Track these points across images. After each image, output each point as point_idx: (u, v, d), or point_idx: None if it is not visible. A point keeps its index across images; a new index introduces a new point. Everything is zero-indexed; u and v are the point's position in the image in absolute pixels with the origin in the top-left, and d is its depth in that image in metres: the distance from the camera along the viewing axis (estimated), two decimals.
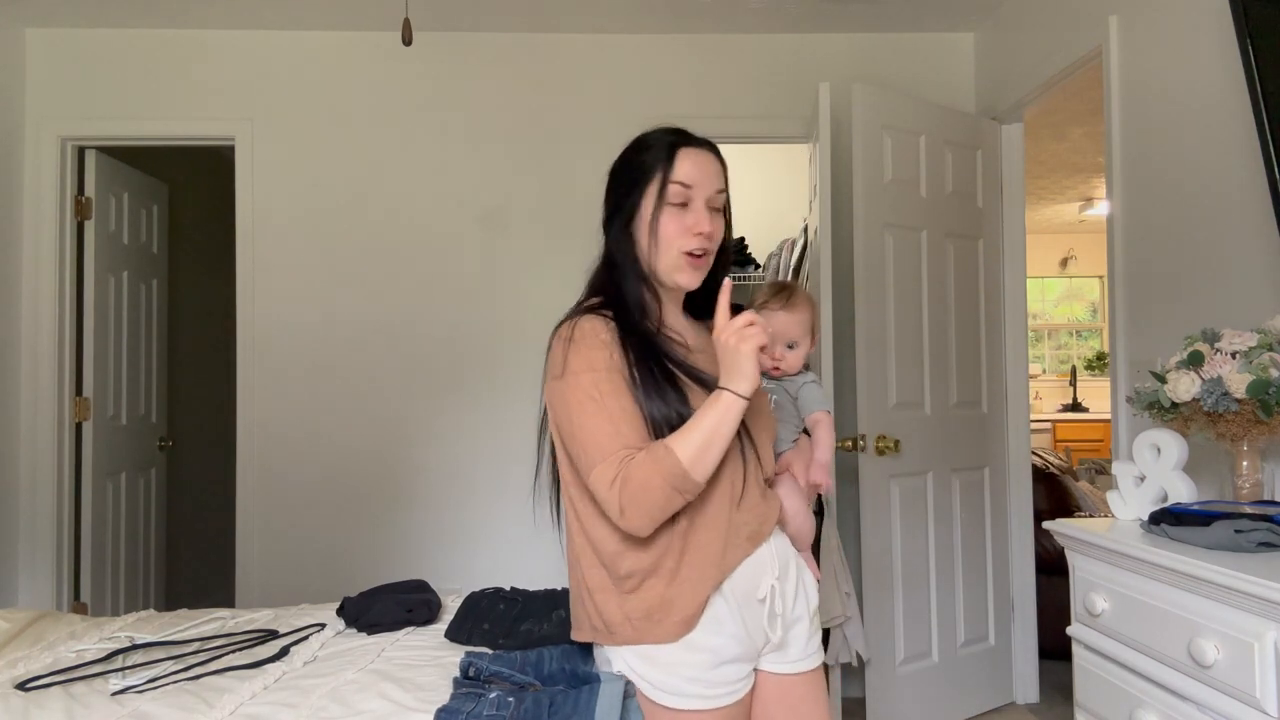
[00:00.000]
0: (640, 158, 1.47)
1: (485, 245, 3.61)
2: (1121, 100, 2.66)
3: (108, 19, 3.49)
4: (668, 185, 1.42)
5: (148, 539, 4.13)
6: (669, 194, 1.42)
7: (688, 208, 1.43)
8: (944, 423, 3.27)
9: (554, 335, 1.42)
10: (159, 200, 4.27)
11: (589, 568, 1.41)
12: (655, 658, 1.37)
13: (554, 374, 1.38)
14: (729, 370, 1.33)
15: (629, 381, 1.35)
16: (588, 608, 1.42)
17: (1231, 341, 1.83)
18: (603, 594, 1.39)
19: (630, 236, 1.46)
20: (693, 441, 1.30)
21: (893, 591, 3.09)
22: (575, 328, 1.38)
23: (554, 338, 1.42)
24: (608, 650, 1.43)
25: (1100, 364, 7.81)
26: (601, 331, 1.38)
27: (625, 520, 1.31)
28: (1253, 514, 1.63)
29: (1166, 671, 1.61)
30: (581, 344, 1.36)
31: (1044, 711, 3.38)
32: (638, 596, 1.36)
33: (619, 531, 1.36)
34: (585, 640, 1.48)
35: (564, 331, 1.40)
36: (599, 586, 1.40)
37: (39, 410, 3.50)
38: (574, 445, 1.35)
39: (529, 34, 3.62)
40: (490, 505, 3.57)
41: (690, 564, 1.37)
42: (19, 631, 2.05)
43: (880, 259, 3.12)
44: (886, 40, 3.69)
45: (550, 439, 1.49)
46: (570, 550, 1.46)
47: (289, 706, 1.56)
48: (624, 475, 1.29)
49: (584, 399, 1.33)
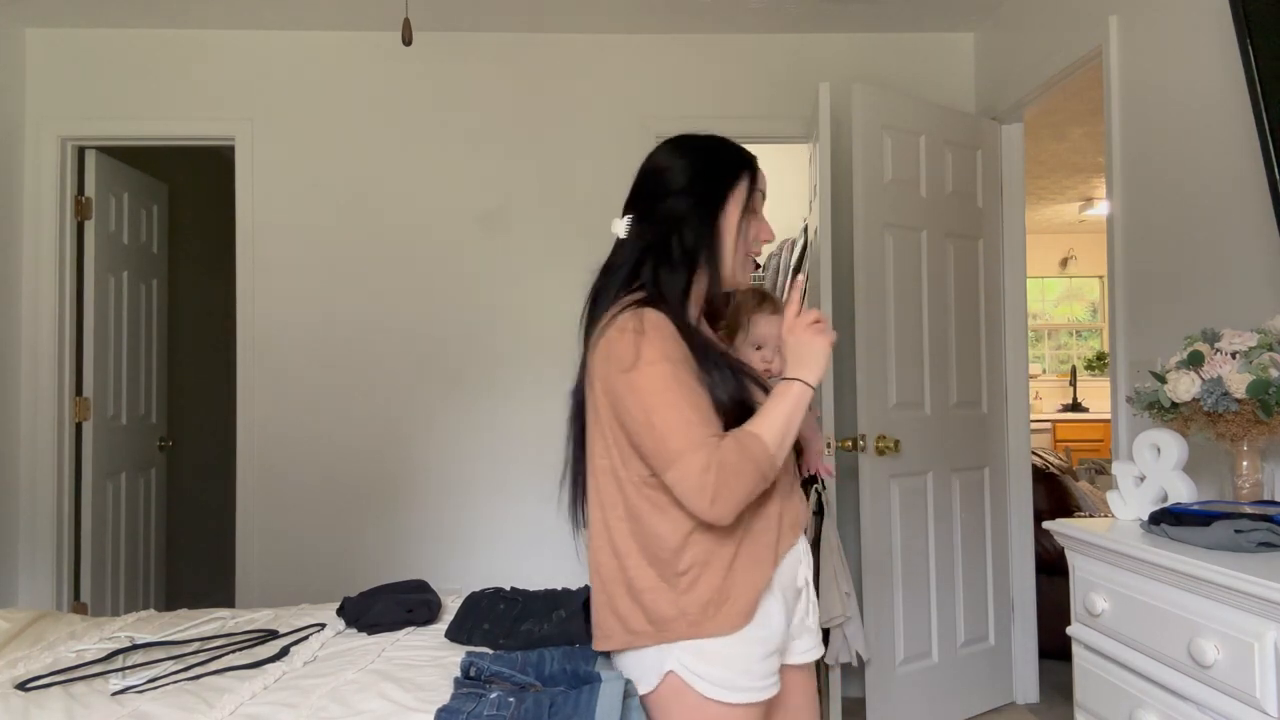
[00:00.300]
0: (727, 157, 1.51)
1: (485, 245, 3.61)
2: (1121, 100, 2.66)
3: (108, 19, 3.49)
4: (754, 192, 1.51)
5: (148, 539, 4.13)
6: (754, 201, 1.51)
7: (759, 215, 1.54)
8: (944, 423, 3.27)
9: (607, 327, 1.39)
10: (159, 200, 4.27)
11: (635, 568, 1.37)
12: (711, 652, 1.35)
13: (623, 365, 1.34)
14: (801, 361, 1.38)
15: (696, 373, 1.36)
16: (626, 609, 1.38)
17: (1231, 341, 1.83)
18: (653, 593, 1.36)
19: (714, 231, 1.47)
20: (774, 428, 1.33)
21: (893, 591, 3.09)
22: (642, 319, 1.36)
23: (608, 330, 1.38)
24: (646, 652, 1.38)
25: (1100, 364, 7.81)
26: (669, 323, 1.37)
27: (715, 507, 1.29)
28: (1253, 514, 1.63)
29: (1166, 671, 1.61)
30: (654, 335, 1.34)
31: (1044, 711, 3.38)
32: (695, 590, 1.35)
33: (684, 524, 1.35)
34: (616, 648, 1.42)
35: (626, 323, 1.36)
36: (649, 585, 1.36)
37: (39, 410, 3.50)
38: (650, 436, 1.32)
39: (529, 34, 3.63)
40: (490, 505, 3.57)
41: (747, 554, 1.38)
42: (19, 631, 2.04)
43: (880, 259, 3.12)
44: (886, 40, 3.69)
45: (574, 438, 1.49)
46: (601, 554, 1.42)
47: (289, 706, 1.56)
48: (718, 461, 1.28)
49: (663, 389, 1.31)
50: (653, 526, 1.37)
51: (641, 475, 1.38)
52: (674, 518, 1.36)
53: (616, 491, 1.40)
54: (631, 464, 1.38)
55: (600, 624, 1.44)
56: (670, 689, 1.37)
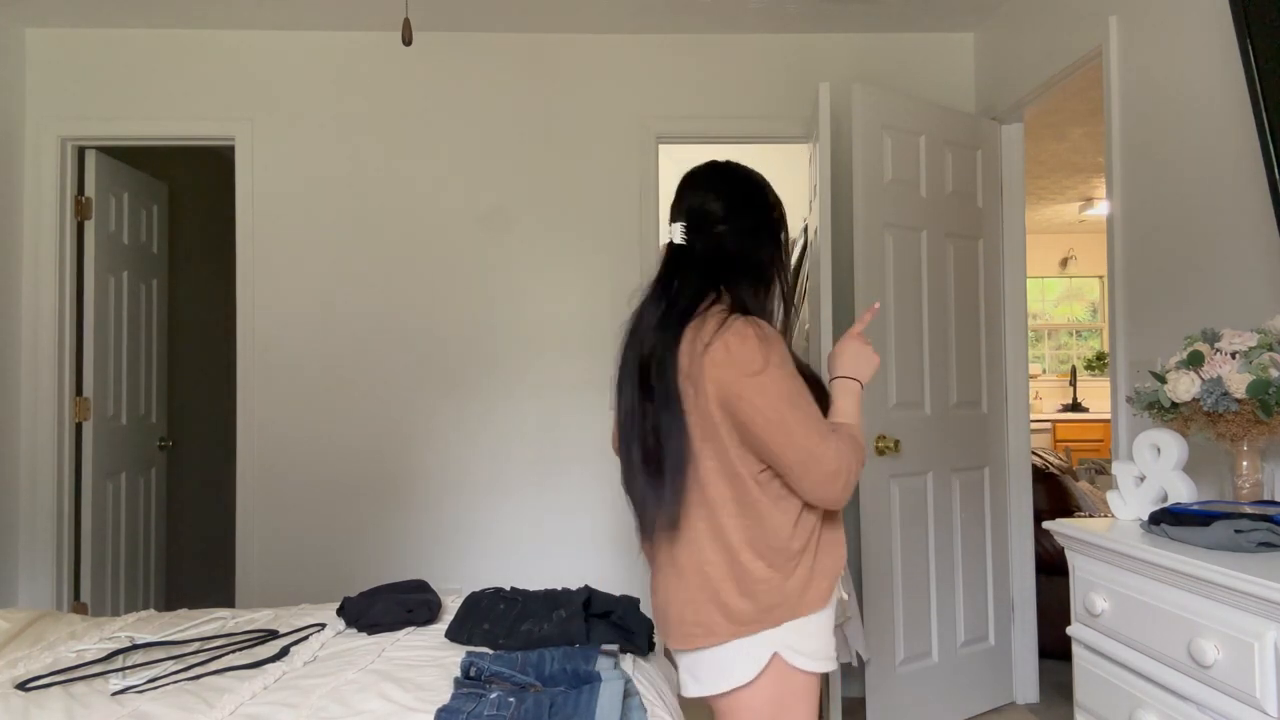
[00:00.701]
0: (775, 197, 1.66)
1: (485, 245, 3.61)
2: (1121, 100, 2.66)
3: (108, 19, 3.49)
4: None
5: (148, 539, 4.13)
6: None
7: None
8: (944, 423, 3.27)
9: (720, 333, 1.46)
10: (159, 200, 4.27)
11: (748, 561, 1.46)
12: (807, 628, 1.49)
13: (751, 369, 1.43)
14: (860, 364, 1.60)
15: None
16: (735, 602, 1.46)
17: (1231, 341, 1.83)
18: (765, 583, 1.47)
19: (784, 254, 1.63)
20: (856, 419, 1.56)
21: (893, 591, 3.09)
22: (761, 327, 1.48)
23: (724, 336, 1.45)
24: (749, 641, 1.47)
25: (1100, 364, 7.81)
26: (777, 332, 1.53)
27: (844, 493, 1.46)
28: (1253, 514, 1.63)
29: (1166, 671, 1.61)
30: (774, 342, 1.47)
31: (1044, 711, 3.38)
32: (797, 573, 1.48)
33: (793, 513, 1.49)
34: (719, 641, 1.47)
35: (749, 330, 1.46)
36: (761, 576, 1.46)
37: (39, 410, 3.50)
38: (781, 432, 1.43)
39: (529, 34, 3.63)
40: (490, 505, 3.57)
41: (828, 535, 1.55)
42: (19, 631, 2.05)
43: (880, 259, 3.12)
44: (886, 40, 3.70)
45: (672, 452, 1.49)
46: (705, 552, 1.48)
47: (289, 706, 1.56)
48: (843, 451, 1.45)
49: (790, 391, 1.44)
50: (770, 517, 1.47)
51: (757, 470, 1.48)
52: (785, 507, 1.48)
53: (728, 489, 1.47)
54: (748, 460, 1.48)
55: (699, 621, 1.49)
56: (775, 672, 1.48)
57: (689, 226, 1.58)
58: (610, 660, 1.75)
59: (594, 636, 1.91)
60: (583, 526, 3.57)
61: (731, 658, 1.48)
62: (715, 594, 1.47)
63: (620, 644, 1.92)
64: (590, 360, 3.50)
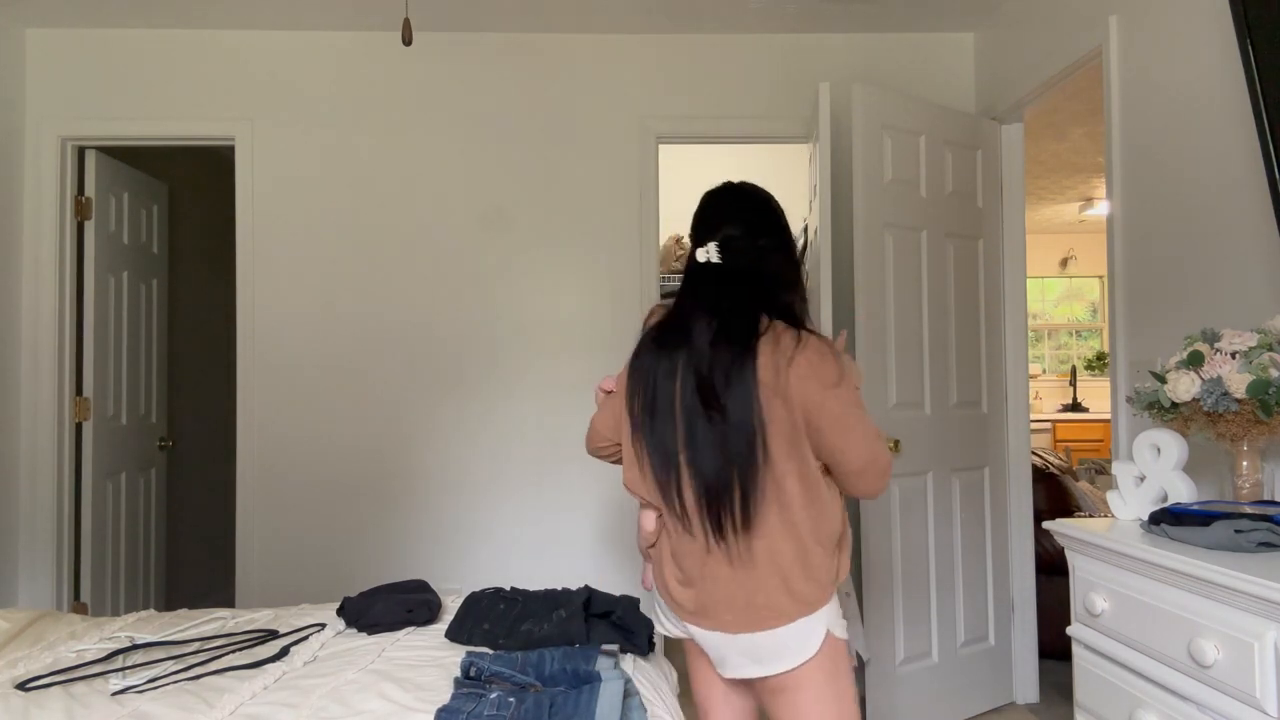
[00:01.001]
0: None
1: (485, 245, 3.61)
2: (1121, 100, 2.66)
3: (108, 19, 3.49)
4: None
5: (148, 539, 4.13)
6: None
7: None
8: (944, 423, 3.27)
9: (805, 350, 1.61)
10: (159, 200, 4.27)
11: (811, 548, 1.63)
12: (836, 601, 1.68)
13: (830, 382, 1.61)
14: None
15: None
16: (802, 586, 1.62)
17: (1231, 341, 1.83)
18: (823, 567, 1.65)
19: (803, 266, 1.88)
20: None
21: (893, 591, 3.09)
22: (830, 344, 1.67)
23: (806, 352, 1.61)
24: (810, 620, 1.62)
25: (1100, 364, 7.81)
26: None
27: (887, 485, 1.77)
28: (1253, 514, 1.63)
29: (1166, 671, 1.61)
30: (843, 357, 1.67)
31: (1044, 711, 3.38)
32: (838, 554, 1.69)
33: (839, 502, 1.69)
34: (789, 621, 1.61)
35: (825, 347, 1.64)
36: (820, 561, 1.64)
37: (39, 410, 3.50)
38: (851, 437, 1.62)
39: (529, 34, 3.63)
40: (490, 505, 3.57)
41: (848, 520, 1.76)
42: (19, 631, 2.05)
43: (880, 259, 3.12)
44: (886, 40, 3.70)
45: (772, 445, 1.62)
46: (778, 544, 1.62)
47: (289, 706, 1.56)
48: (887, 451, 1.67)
49: (858, 401, 1.65)
50: (829, 509, 1.66)
51: (819, 467, 1.66)
52: (836, 496, 1.69)
53: (799, 485, 1.62)
54: (814, 460, 1.65)
55: (771, 605, 1.63)
56: (830, 646, 1.65)
57: (723, 246, 1.70)
58: (610, 660, 1.75)
59: (594, 636, 1.92)
60: (583, 526, 3.57)
61: (797, 635, 1.62)
62: (785, 579, 1.62)
63: (620, 644, 1.92)
64: (590, 360, 3.49)
